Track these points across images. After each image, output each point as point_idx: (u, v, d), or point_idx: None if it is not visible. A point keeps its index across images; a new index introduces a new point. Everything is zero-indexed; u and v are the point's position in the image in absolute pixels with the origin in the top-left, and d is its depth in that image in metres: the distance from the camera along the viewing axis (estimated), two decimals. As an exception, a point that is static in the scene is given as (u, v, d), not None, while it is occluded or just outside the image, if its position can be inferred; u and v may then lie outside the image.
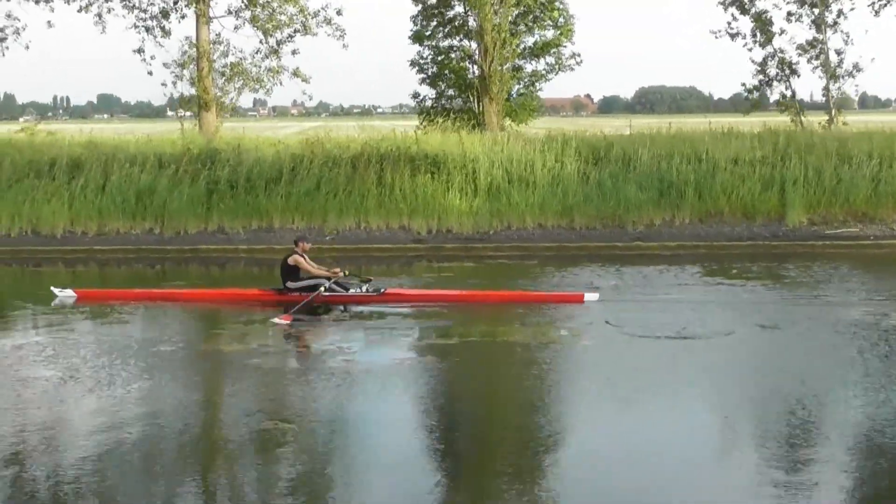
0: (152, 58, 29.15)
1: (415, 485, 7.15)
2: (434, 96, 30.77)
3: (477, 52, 29.28)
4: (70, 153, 22.26)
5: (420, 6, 30.37)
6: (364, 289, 14.36)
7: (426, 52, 30.43)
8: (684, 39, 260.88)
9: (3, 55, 29.83)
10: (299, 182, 21.37)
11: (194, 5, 27.92)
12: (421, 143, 22.24)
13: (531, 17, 29.62)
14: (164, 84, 29.13)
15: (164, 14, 29.02)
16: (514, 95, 30.45)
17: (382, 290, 14.31)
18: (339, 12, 28.46)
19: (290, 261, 14.25)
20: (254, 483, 7.32)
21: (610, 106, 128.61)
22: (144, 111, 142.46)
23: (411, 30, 30.56)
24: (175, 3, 28.90)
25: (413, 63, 30.53)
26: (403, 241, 20.74)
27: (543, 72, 30.47)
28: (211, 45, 28.31)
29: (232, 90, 28.80)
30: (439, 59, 30.23)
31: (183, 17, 29.24)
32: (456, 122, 26.56)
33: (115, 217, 21.24)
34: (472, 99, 29.36)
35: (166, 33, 29.04)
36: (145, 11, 28.85)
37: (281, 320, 12.83)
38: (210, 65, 28.21)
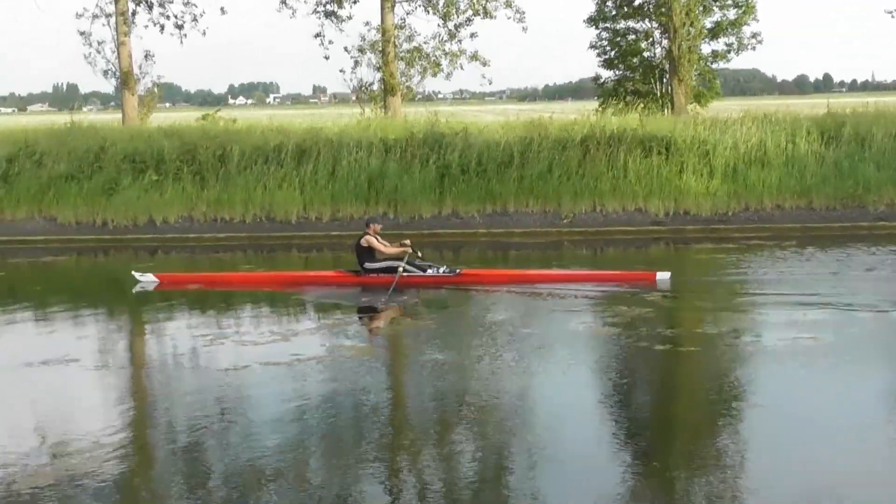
0: (330, 42, 29.39)
1: None
2: (615, 78, 30.53)
3: (658, 32, 29.00)
4: (296, 139, 22.34)
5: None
6: (441, 270, 14.43)
7: (604, 35, 30.27)
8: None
9: (182, 43, 30.24)
10: (530, 165, 21.28)
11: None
12: (645, 125, 22.02)
13: (713, -4, 29.23)
14: (342, 70, 29.32)
15: (339, 0, 29.12)
16: (695, 76, 30.09)
17: (458, 271, 14.42)
18: (518, -7, 28.36)
19: (363, 242, 14.56)
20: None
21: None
22: (206, 99, 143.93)
23: (590, 13, 30.41)
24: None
25: (593, 45, 30.39)
26: (641, 224, 20.59)
27: (724, 52, 30.10)
28: (396, 30, 28.34)
29: (414, 74, 28.84)
30: (617, 41, 30.00)
31: (355, 1, 29.37)
32: (640, 105, 26.35)
33: (348, 202, 21.30)
34: (652, 81, 29.04)
35: (340, 19, 29.16)
36: (325, -4, 28.99)
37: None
38: (395, 50, 28.24)
